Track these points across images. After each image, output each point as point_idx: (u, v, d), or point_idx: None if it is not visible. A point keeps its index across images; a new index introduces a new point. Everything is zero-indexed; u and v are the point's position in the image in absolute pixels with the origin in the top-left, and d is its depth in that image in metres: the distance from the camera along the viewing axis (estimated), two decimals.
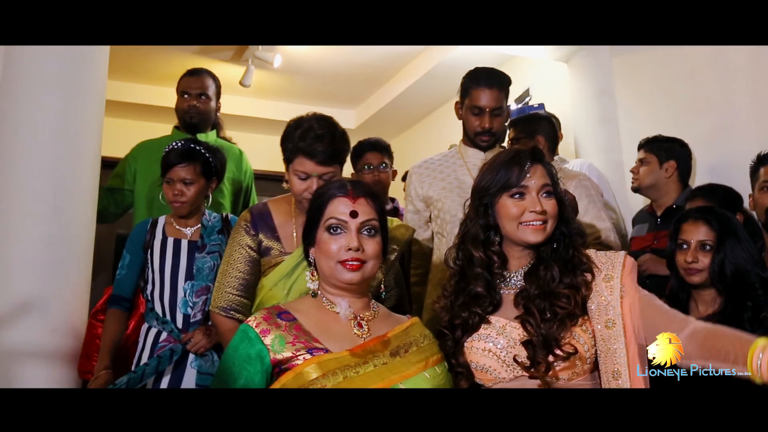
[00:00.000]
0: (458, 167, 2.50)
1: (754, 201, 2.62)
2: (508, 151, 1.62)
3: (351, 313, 1.48)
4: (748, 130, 3.10)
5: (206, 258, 2.38)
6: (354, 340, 1.44)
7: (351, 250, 1.43)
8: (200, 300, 2.34)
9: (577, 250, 1.53)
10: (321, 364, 1.36)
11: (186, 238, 2.43)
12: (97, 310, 2.49)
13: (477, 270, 1.54)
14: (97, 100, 2.61)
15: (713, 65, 3.32)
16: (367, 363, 1.39)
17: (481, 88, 2.39)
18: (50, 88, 2.42)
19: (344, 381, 1.35)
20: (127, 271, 2.40)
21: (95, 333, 2.44)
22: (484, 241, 1.55)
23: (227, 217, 2.56)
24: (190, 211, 2.43)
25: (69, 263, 2.40)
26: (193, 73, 3.15)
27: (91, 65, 2.58)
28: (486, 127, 2.40)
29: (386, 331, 1.48)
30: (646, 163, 3.04)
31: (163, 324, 2.32)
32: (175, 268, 2.38)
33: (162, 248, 2.40)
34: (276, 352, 1.38)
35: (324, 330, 1.44)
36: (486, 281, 1.54)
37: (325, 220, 1.47)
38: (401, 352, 1.45)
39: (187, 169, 2.38)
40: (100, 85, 2.65)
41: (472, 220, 1.58)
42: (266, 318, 1.44)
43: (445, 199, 2.45)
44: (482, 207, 1.55)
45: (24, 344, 2.22)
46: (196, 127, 3.08)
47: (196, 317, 2.31)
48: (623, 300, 1.45)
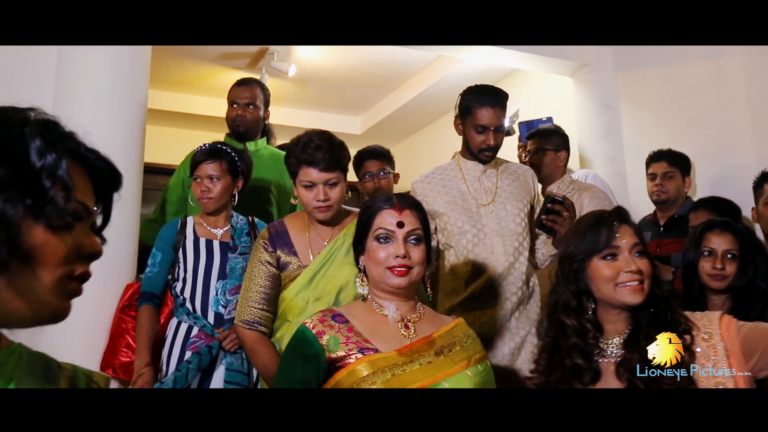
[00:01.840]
0: (458, 180, 2.56)
1: (758, 214, 2.75)
2: (592, 214, 1.58)
3: (398, 315, 1.58)
4: (746, 146, 3.24)
5: (239, 258, 2.47)
6: (401, 341, 1.54)
7: (399, 257, 1.54)
8: (234, 299, 2.41)
9: (675, 312, 1.47)
10: (371, 363, 1.47)
11: (216, 239, 2.50)
12: (124, 306, 2.56)
13: (572, 340, 1.47)
14: (140, 107, 2.73)
15: (713, 82, 3.46)
16: (413, 362, 1.50)
17: (485, 107, 2.45)
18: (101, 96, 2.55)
19: (392, 378, 1.45)
20: (159, 269, 2.46)
21: (124, 328, 2.52)
22: (577, 308, 1.50)
23: (253, 221, 2.64)
24: (216, 207, 2.50)
25: (119, 265, 2.52)
26: (242, 83, 3.18)
27: (136, 73, 2.71)
28: (490, 144, 2.47)
29: (432, 331, 1.58)
30: (671, 176, 3.15)
31: (195, 320, 2.39)
32: (209, 267, 2.45)
33: (195, 248, 2.47)
34: (331, 352, 1.50)
35: (374, 331, 1.55)
36: (583, 351, 1.46)
37: (374, 231, 1.58)
38: (445, 351, 1.55)
39: (213, 166, 2.46)
40: (143, 93, 2.77)
41: (562, 286, 1.52)
42: (321, 320, 1.55)
43: (450, 212, 2.49)
44: (572, 272, 1.51)
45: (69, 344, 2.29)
46: (244, 136, 3.12)
47: (230, 314, 2.39)
48: (730, 359, 1.38)
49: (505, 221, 2.47)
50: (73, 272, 0.81)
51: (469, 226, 2.45)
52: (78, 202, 0.81)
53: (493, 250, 2.43)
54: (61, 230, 0.78)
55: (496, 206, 2.49)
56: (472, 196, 2.51)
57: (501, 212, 2.49)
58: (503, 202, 2.50)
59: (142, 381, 2.27)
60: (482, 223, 2.47)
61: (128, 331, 2.52)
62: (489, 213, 2.48)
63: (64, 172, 0.78)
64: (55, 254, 0.78)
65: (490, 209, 2.49)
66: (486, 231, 2.46)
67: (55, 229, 0.77)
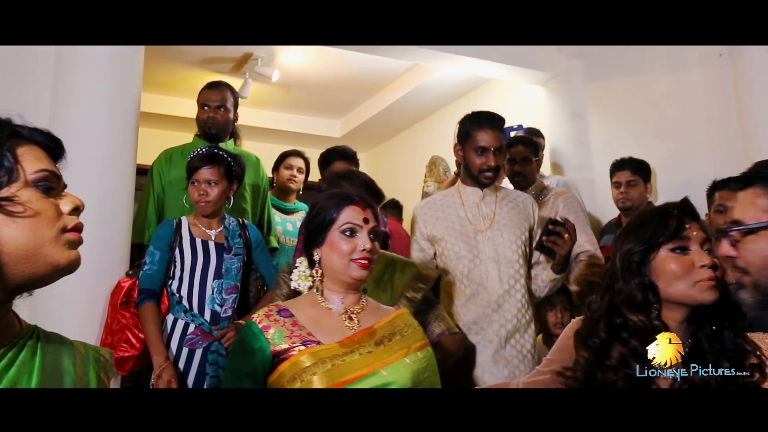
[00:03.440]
0: (457, 205, 2.59)
1: (709, 220, 2.96)
2: (655, 207, 1.44)
3: (343, 308, 1.66)
4: (704, 156, 3.45)
5: (233, 259, 2.59)
6: (345, 332, 1.61)
7: (365, 250, 1.62)
8: (230, 298, 2.55)
9: (740, 336, 1.32)
10: (313, 354, 1.54)
11: (211, 240, 2.59)
12: (122, 302, 2.62)
13: (633, 344, 1.30)
14: (134, 112, 2.84)
15: (675, 96, 3.67)
16: (353, 352, 1.57)
17: (484, 130, 2.49)
18: (98, 97, 2.66)
19: (333, 368, 1.53)
20: (158, 267, 2.52)
21: (124, 323, 2.59)
22: (643, 303, 1.32)
23: (244, 223, 2.76)
24: (213, 210, 2.60)
25: (111, 262, 2.63)
26: (213, 87, 3.28)
27: (130, 74, 2.82)
28: (491, 165, 2.50)
29: (374, 322, 1.66)
30: (635, 184, 3.34)
31: (193, 317, 2.49)
32: (205, 267, 2.55)
33: (192, 248, 2.56)
34: (275, 345, 1.57)
35: (318, 324, 1.62)
36: (642, 358, 1.29)
37: (341, 224, 1.64)
38: (385, 341, 1.63)
39: (212, 171, 2.55)
40: (137, 94, 2.88)
41: (621, 282, 1.35)
42: (267, 315, 1.62)
43: (449, 238, 2.52)
44: (634, 265, 1.34)
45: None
46: (215, 137, 3.21)
47: (227, 313, 2.52)
48: None
49: (502, 248, 2.50)
50: (67, 226, 0.94)
51: (466, 252, 2.49)
52: (46, 170, 0.94)
53: (489, 276, 2.47)
54: (46, 194, 0.92)
55: (493, 233, 2.52)
56: (470, 221, 2.54)
57: (498, 239, 2.51)
58: (500, 228, 2.53)
59: (167, 375, 2.36)
60: (479, 249, 2.49)
61: (128, 327, 2.59)
62: (486, 239, 2.51)
63: (9, 160, 0.90)
64: (47, 213, 0.92)
65: (487, 235, 2.51)
66: (482, 257, 2.49)
67: (44, 193, 0.92)
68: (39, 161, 0.94)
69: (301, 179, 3.78)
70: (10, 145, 0.91)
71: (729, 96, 3.12)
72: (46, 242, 0.91)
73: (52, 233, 0.92)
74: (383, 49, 3.92)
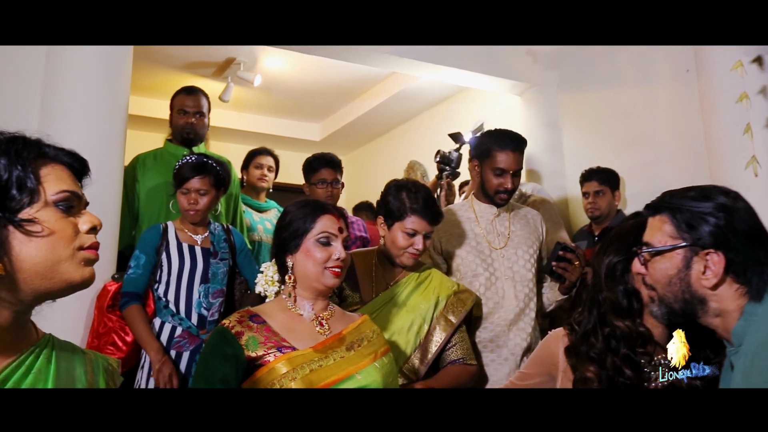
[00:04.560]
0: (472, 222, 2.55)
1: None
2: (633, 221, 1.53)
3: (313, 314, 1.70)
4: (671, 165, 3.57)
5: (220, 264, 2.65)
6: (316, 338, 1.65)
7: (339, 258, 1.67)
8: (216, 301, 2.61)
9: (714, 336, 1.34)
10: (290, 360, 1.57)
11: (197, 245, 2.65)
12: (108, 306, 2.65)
13: (623, 352, 1.38)
14: (122, 115, 2.89)
15: (644, 108, 3.80)
16: (327, 357, 1.61)
17: (506, 152, 2.44)
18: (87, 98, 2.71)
19: (310, 373, 1.56)
20: (143, 271, 2.56)
21: (111, 327, 2.62)
22: (628, 308, 1.42)
23: (229, 228, 2.82)
24: (202, 218, 2.66)
25: (99, 270, 2.65)
26: (190, 92, 3.30)
27: (119, 76, 2.86)
28: (508, 187, 2.47)
29: (342, 328, 1.71)
30: (602, 194, 3.46)
31: (180, 321, 2.54)
32: (192, 271, 2.60)
33: (179, 252, 2.61)
34: (250, 351, 1.57)
35: (290, 330, 1.64)
36: (634, 364, 1.37)
37: (317, 233, 1.68)
38: (355, 346, 1.68)
39: (203, 181, 2.60)
40: (125, 96, 2.93)
41: (608, 289, 1.44)
42: (240, 321, 1.63)
43: (465, 255, 2.49)
44: (618, 273, 1.44)
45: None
46: (192, 142, 3.26)
47: (213, 316, 2.58)
48: None
49: (517, 266, 2.48)
50: (84, 245, 0.98)
51: (482, 269, 2.47)
52: (67, 191, 0.97)
53: (504, 294, 2.45)
54: (66, 213, 0.96)
55: (508, 251, 2.50)
56: (486, 239, 2.51)
57: (512, 257, 2.49)
58: (515, 247, 2.51)
59: (168, 368, 2.40)
60: (494, 267, 2.47)
61: (114, 330, 2.62)
62: (501, 257, 2.49)
63: (32, 181, 0.93)
64: (65, 233, 0.96)
65: (503, 254, 2.49)
66: (498, 275, 2.46)
67: (65, 212, 0.96)
68: (62, 182, 0.98)
69: (272, 178, 3.81)
70: (35, 165, 0.95)
71: (695, 109, 3.21)
72: (63, 260, 0.96)
73: (68, 252, 0.96)
74: (364, 58, 3.98)
